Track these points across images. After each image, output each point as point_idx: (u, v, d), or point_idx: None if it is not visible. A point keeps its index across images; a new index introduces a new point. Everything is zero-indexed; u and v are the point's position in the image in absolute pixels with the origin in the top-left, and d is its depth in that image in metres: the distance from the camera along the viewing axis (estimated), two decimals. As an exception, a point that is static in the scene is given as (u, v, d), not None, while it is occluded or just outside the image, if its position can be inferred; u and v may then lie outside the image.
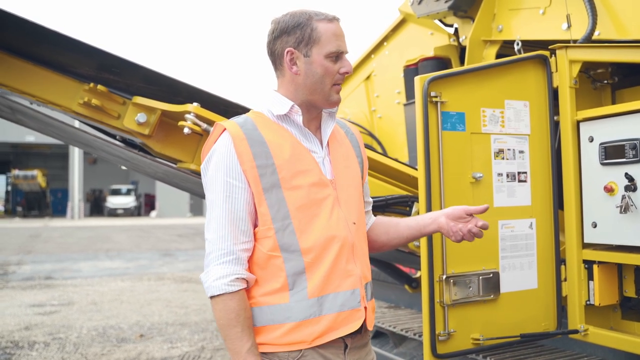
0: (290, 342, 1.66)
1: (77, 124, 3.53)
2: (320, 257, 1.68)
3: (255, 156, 1.65)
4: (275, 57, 1.75)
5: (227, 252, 1.66)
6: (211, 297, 1.66)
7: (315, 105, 1.75)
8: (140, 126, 2.96)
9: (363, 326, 1.75)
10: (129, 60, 2.96)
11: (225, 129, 1.69)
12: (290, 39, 1.70)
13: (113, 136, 3.40)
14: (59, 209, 41.77)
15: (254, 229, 1.69)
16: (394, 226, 1.96)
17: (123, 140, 3.43)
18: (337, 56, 1.70)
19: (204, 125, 2.82)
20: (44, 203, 40.01)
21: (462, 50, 4.02)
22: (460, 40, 3.96)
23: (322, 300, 1.67)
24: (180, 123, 2.81)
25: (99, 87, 2.92)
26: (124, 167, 4.15)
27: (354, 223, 1.77)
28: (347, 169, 1.81)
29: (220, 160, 1.66)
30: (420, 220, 1.92)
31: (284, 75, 1.75)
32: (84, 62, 2.98)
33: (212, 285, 1.64)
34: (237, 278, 1.64)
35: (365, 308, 1.75)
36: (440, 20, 4.22)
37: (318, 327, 1.66)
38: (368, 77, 5.18)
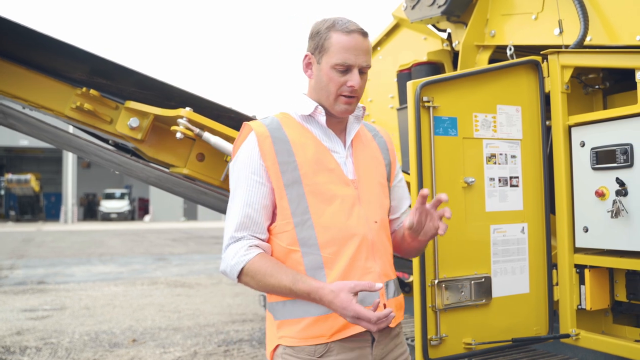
0: (309, 336, 1.70)
1: (71, 129, 3.52)
2: (338, 253, 1.72)
3: (278, 153, 1.73)
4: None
5: (238, 237, 1.73)
6: (238, 278, 1.71)
7: (328, 110, 1.80)
8: (132, 131, 2.96)
9: None
10: (122, 64, 2.96)
11: (252, 129, 1.78)
12: (311, 44, 1.79)
13: (106, 141, 3.39)
14: (53, 213, 41.63)
15: (271, 225, 1.76)
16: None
17: (116, 145, 3.43)
18: (347, 69, 1.72)
19: (197, 130, 2.82)
20: (37, 207, 39.82)
21: (455, 55, 4.03)
22: (454, 45, 3.98)
23: None
24: (173, 128, 2.81)
25: (92, 91, 2.92)
26: (117, 172, 4.13)
27: (375, 222, 1.80)
28: (371, 170, 1.86)
29: (245, 157, 1.75)
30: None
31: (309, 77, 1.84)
32: (76, 67, 2.98)
33: (231, 265, 1.70)
34: (250, 246, 1.71)
35: (385, 305, 1.77)
36: (434, 25, 4.23)
37: (337, 322, 1.69)
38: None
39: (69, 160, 37.79)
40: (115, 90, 3.04)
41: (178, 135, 2.77)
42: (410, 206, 2.01)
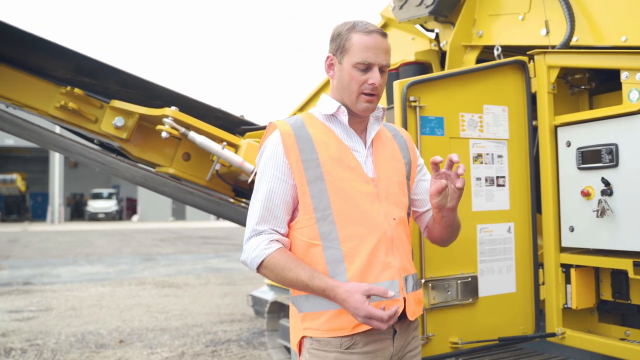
0: (332, 328, 1.77)
1: (57, 129, 3.49)
2: (358, 248, 1.78)
3: (301, 151, 1.80)
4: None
5: (260, 230, 1.80)
6: (257, 269, 1.79)
7: (350, 109, 1.86)
8: (117, 130, 2.94)
9: (405, 314, 1.84)
10: (107, 63, 2.94)
11: (276, 127, 1.85)
12: (332, 45, 1.87)
13: (91, 140, 3.37)
14: (39, 213, 41.28)
15: (293, 220, 1.83)
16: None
17: (101, 145, 3.40)
18: (367, 67, 1.80)
19: (182, 129, 2.81)
20: (23, 207, 39.48)
21: (443, 55, 4.03)
22: (441, 45, 3.97)
23: None
24: (158, 127, 2.79)
25: (76, 90, 2.90)
26: (103, 172, 4.09)
27: (394, 219, 1.86)
28: (390, 169, 1.92)
29: (270, 155, 1.82)
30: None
31: (332, 79, 1.91)
32: (60, 65, 2.96)
33: (252, 257, 1.78)
34: (271, 240, 1.78)
35: (405, 299, 1.83)
36: (422, 25, 4.23)
37: None
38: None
39: (56, 160, 37.49)
40: (100, 89, 3.02)
41: (163, 134, 2.75)
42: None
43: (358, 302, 1.65)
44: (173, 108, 2.79)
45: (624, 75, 2.57)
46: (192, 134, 2.84)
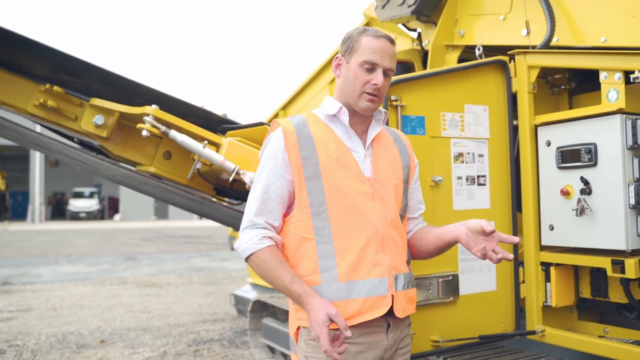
0: None
1: (38, 128, 3.44)
2: (349, 244, 1.86)
3: (302, 149, 1.87)
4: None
5: (255, 222, 1.87)
6: (246, 259, 1.87)
7: (353, 109, 1.94)
8: (97, 128, 2.91)
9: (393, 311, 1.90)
10: (87, 61, 2.91)
11: (280, 125, 1.93)
12: (342, 47, 1.96)
13: (71, 138, 3.33)
14: (19, 212, 40.76)
15: (289, 215, 1.90)
16: (427, 233, 2.09)
17: (81, 143, 3.37)
18: (372, 68, 1.88)
19: (163, 128, 2.78)
20: (2, 206, 38.95)
21: (425, 54, 4.05)
22: (423, 44, 3.99)
23: (351, 285, 1.84)
24: (139, 125, 2.77)
25: (55, 88, 2.86)
26: (84, 170, 4.05)
27: (387, 219, 1.93)
28: (387, 170, 1.98)
29: (271, 150, 1.90)
30: (444, 228, 2.03)
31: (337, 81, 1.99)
32: (40, 63, 2.92)
33: (243, 248, 1.86)
34: (263, 237, 1.85)
35: (393, 296, 1.89)
36: (404, 25, 4.24)
37: (347, 309, 1.83)
38: (332, 81, 5.18)
39: (37, 159, 37.04)
40: (80, 87, 2.98)
41: (144, 132, 2.73)
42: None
43: (320, 319, 1.73)
44: (154, 106, 2.77)
45: (602, 76, 2.59)
46: (173, 133, 2.82)
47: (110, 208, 44.51)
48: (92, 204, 40.41)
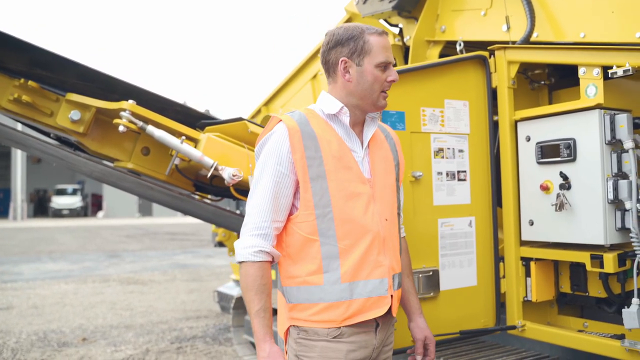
0: (321, 320, 1.86)
1: (20, 126, 3.38)
2: (353, 246, 1.86)
3: (306, 148, 1.85)
4: (329, 66, 1.95)
5: (260, 226, 1.84)
6: (239, 263, 1.86)
7: (363, 110, 1.96)
8: (74, 124, 2.87)
9: (389, 311, 1.95)
10: (63, 56, 2.87)
11: (281, 120, 1.89)
12: (344, 49, 1.90)
13: (47, 134, 3.28)
14: (1, 210, 40.32)
15: (293, 214, 1.89)
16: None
17: (58, 139, 3.32)
18: (385, 66, 1.91)
19: (140, 123, 2.75)
20: (-16, 204, 38.54)
21: (406, 50, 4.04)
22: (405, 40, 3.98)
23: (353, 286, 1.86)
24: (116, 121, 2.73)
25: (30, 83, 2.82)
26: (65, 167, 4.00)
27: (386, 219, 1.95)
28: (384, 170, 2.00)
29: (274, 148, 1.86)
30: (414, 305, 2.19)
31: (336, 82, 1.95)
32: (14, 57, 2.86)
33: (239, 253, 1.85)
34: (261, 250, 1.83)
35: (392, 296, 1.93)
36: (385, 20, 4.23)
37: (348, 309, 1.85)
38: (314, 77, 5.16)
39: (18, 155, 36.61)
40: (56, 82, 2.94)
41: (121, 128, 2.69)
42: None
43: None
44: (130, 101, 2.73)
45: (581, 71, 2.60)
46: (150, 128, 2.78)
47: (93, 205, 44.18)
48: (75, 201, 40.08)
